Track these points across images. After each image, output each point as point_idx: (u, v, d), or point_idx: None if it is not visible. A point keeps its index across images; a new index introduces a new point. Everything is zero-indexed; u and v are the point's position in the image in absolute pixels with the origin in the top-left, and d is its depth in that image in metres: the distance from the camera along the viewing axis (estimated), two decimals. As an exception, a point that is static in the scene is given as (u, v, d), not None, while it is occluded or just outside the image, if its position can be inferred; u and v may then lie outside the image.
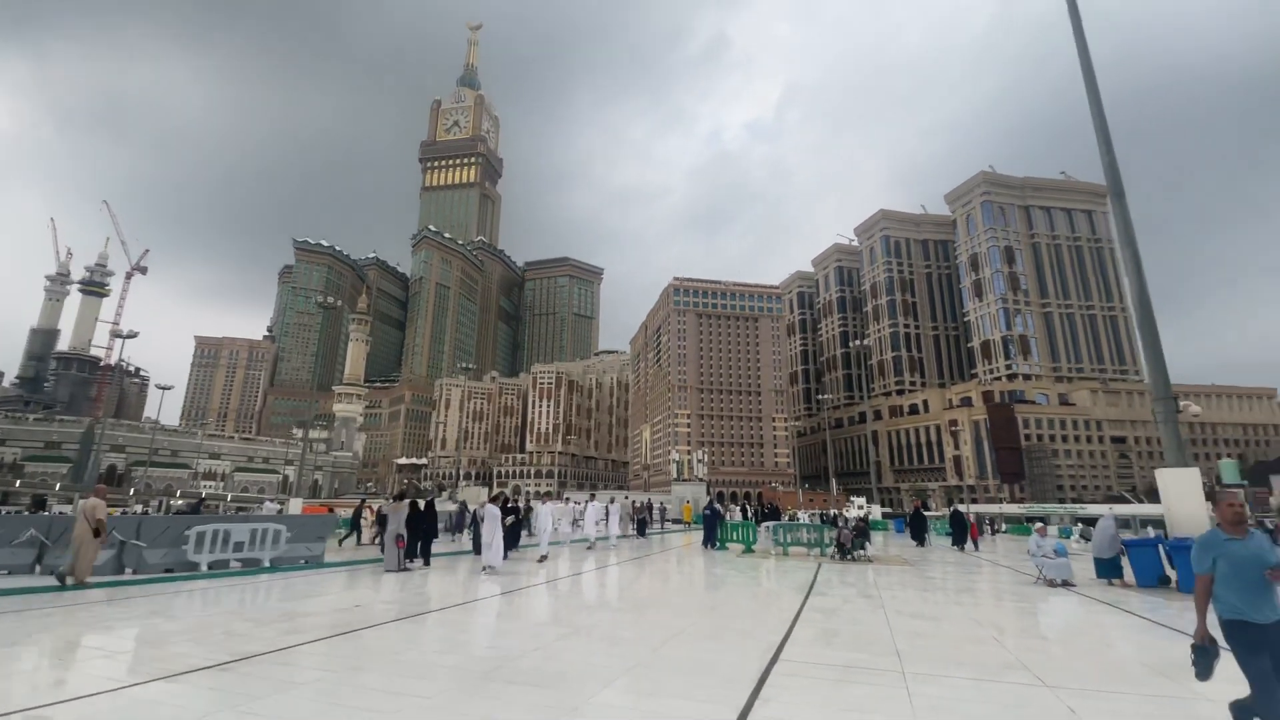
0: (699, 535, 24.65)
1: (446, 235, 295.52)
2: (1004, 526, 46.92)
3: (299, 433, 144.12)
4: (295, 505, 31.28)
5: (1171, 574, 11.23)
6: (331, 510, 39.15)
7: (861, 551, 16.39)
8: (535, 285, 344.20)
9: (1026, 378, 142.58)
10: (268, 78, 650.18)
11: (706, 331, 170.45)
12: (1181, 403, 11.21)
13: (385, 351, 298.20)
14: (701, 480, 59.80)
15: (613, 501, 20.86)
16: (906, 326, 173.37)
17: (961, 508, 28.59)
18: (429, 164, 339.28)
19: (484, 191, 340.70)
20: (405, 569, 12.93)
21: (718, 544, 20.30)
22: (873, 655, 6.02)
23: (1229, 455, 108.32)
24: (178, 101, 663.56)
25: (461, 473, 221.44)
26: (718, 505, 23.33)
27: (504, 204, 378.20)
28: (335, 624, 7.26)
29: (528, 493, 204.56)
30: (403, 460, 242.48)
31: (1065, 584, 11.33)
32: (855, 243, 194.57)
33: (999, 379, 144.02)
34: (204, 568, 12.30)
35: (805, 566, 14.68)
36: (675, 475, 58.65)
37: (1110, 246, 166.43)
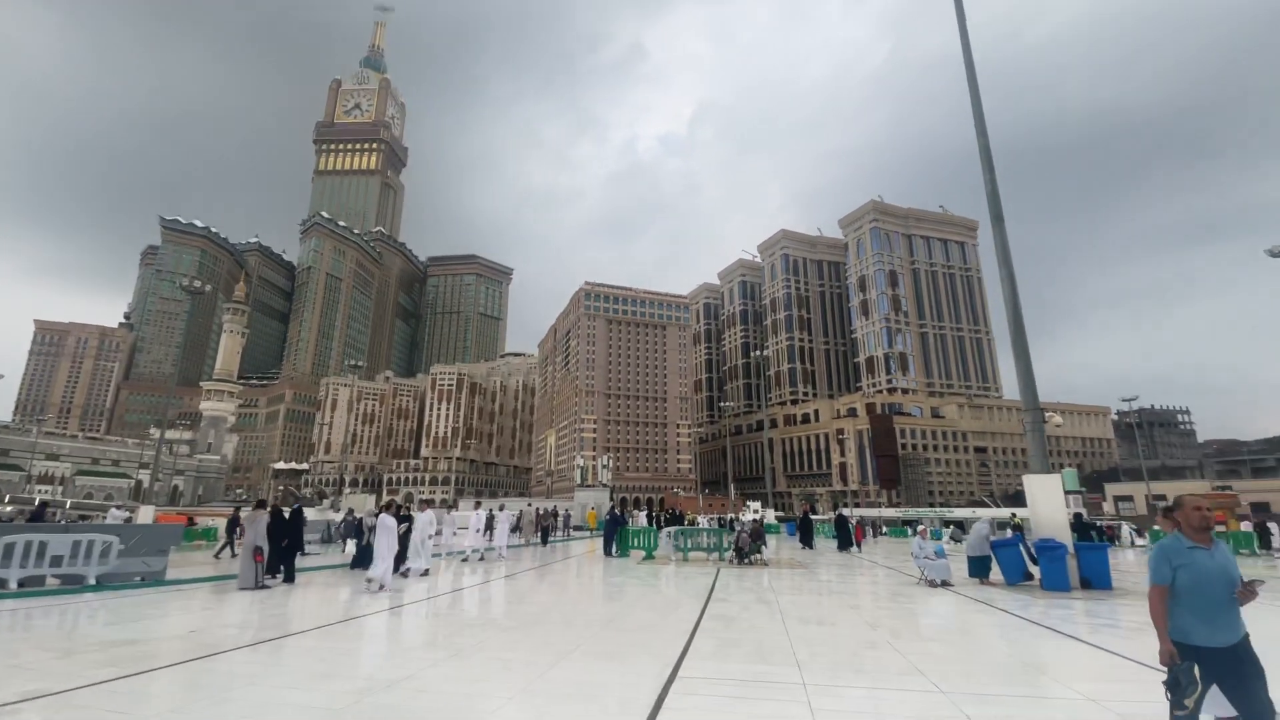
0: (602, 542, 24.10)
1: (341, 223, 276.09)
2: (885, 529, 50.27)
3: (156, 432, 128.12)
4: (147, 513, 27.28)
5: (1034, 571, 12.14)
6: (191, 521, 34.66)
7: (758, 555, 16.57)
8: (439, 282, 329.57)
9: (904, 391, 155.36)
10: (144, 36, 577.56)
11: (616, 337, 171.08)
12: (1047, 414, 12.15)
13: (265, 346, 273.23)
14: (605, 486, 59.39)
15: (502, 509, 19.80)
16: (802, 340, 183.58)
17: (845, 512, 30.23)
18: (325, 146, 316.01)
19: (386, 180, 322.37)
20: (262, 586, 11.34)
21: (619, 551, 19.87)
22: (772, 666, 5.76)
23: (1070, 465, 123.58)
24: (36, 45, 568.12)
25: (348, 479, 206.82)
26: (618, 511, 22.93)
27: (408, 195, 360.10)
28: (157, 654, 6.00)
29: (421, 500, 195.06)
30: (281, 465, 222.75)
31: (944, 584, 11.91)
32: (758, 259, 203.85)
33: (881, 392, 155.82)
34: (13, 585, 10.22)
35: (704, 572, 14.54)
36: (579, 481, 57.80)
37: (978, 275, 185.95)
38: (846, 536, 24.63)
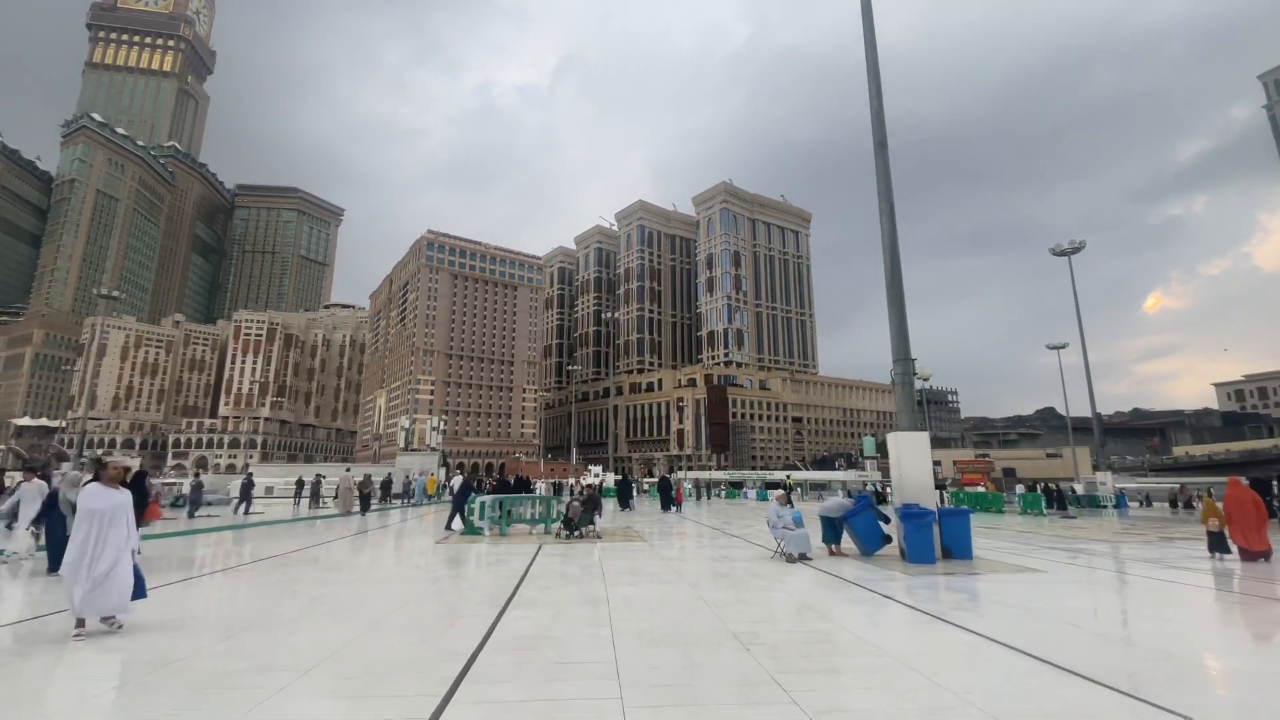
0: (442, 513, 20.05)
1: (121, 131, 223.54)
2: (722, 491, 51.60)
3: None
4: None
5: (892, 534, 10.86)
6: None
7: (591, 527, 13.91)
8: (250, 216, 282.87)
9: (739, 365, 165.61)
10: None
11: (461, 293, 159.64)
12: (917, 369, 10.77)
13: (4, 272, 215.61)
14: (434, 450, 53.87)
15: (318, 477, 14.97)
16: (652, 312, 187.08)
17: (670, 476, 30.25)
18: (103, 34, 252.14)
19: (185, 87, 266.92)
20: None
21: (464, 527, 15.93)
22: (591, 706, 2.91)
23: (868, 434, 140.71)
24: None
25: (120, 440, 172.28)
26: (476, 481, 19.01)
27: (215, 109, 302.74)
28: None
29: (218, 465, 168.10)
30: (26, 421, 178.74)
31: (803, 558, 10.11)
32: (615, 227, 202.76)
33: (718, 364, 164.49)
34: None
35: (521, 551, 11.47)
36: (403, 445, 51.71)
37: (808, 263, 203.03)
38: (669, 498, 26.43)
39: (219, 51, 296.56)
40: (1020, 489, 30.80)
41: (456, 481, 15.26)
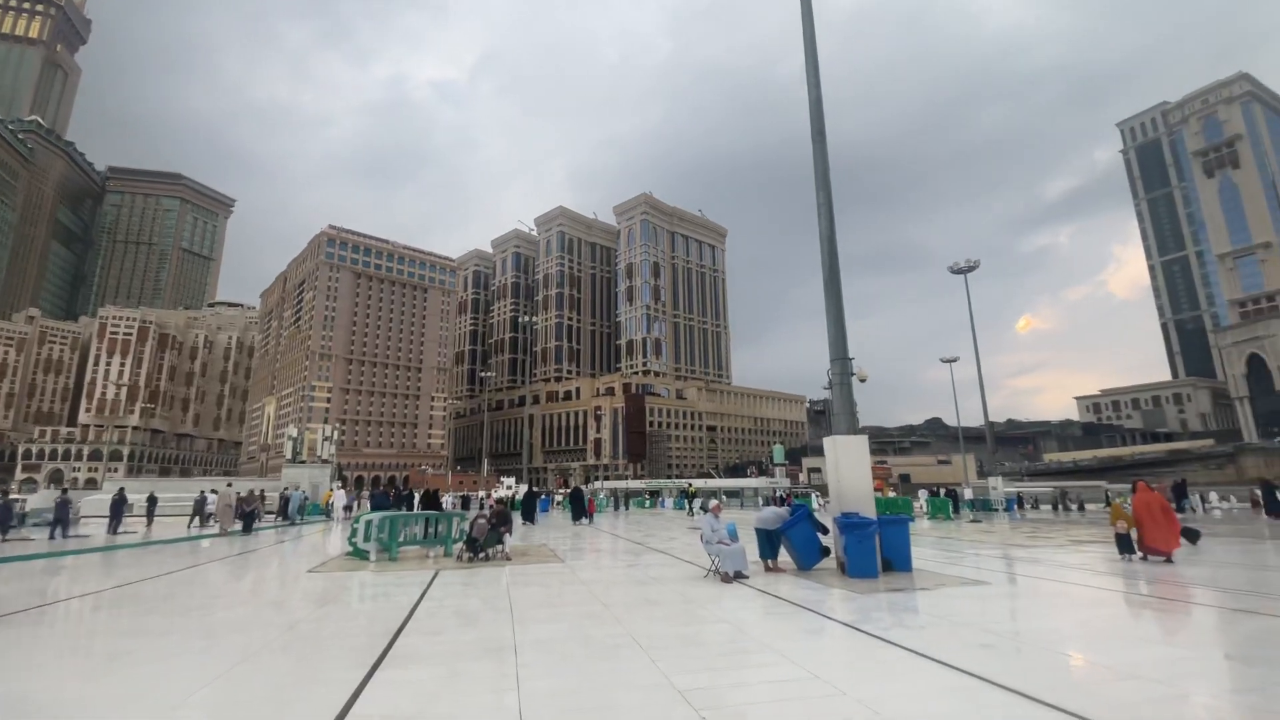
0: (333, 535, 17.28)
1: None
2: (647, 501, 50.55)
3: None
4: None
5: (828, 544, 10.06)
6: None
7: (499, 547, 12.23)
8: (123, 202, 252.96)
9: (657, 374, 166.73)
10: None
11: (365, 294, 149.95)
12: (855, 368, 10.10)
13: None
14: (326, 462, 49.21)
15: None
16: (571, 319, 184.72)
17: (587, 486, 29.32)
18: None
19: (54, 57, 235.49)
20: None
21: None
22: None
23: (778, 443, 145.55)
24: None
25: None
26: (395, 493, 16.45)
27: (87, 83, 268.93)
28: None
29: (76, 479, 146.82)
30: None
31: (738, 576, 9.06)
32: (535, 233, 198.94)
33: (637, 373, 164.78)
34: None
35: (414, 579, 9.68)
36: (289, 456, 46.87)
37: (723, 277, 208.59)
38: (581, 508, 26.02)
39: (94, 20, 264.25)
40: (924, 494, 32.07)
41: (339, 499, 13.02)
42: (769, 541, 10.34)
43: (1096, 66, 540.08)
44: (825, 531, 10.17)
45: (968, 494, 39.97)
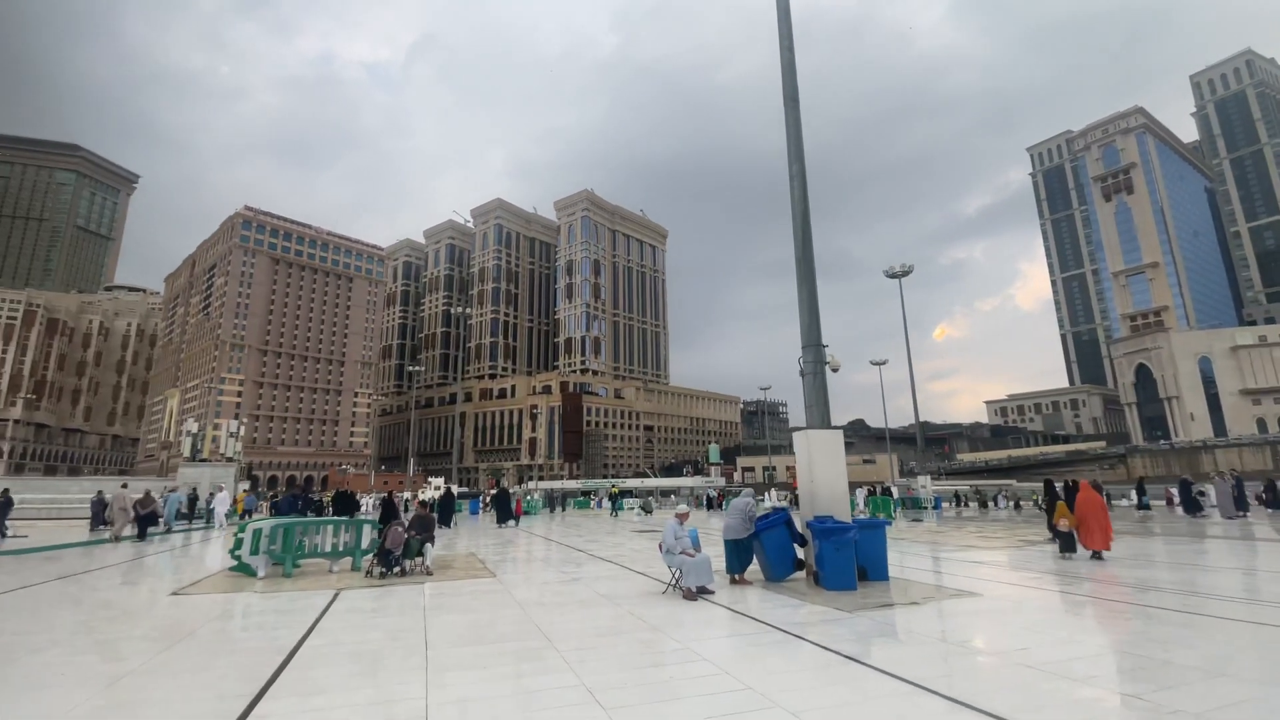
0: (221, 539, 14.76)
1: None
2: (599, 501, 48.78)
3: None
4: None
5: (801, 554, 8.96)
6: None
7: (420, 559, 10.44)
8: (11, 173, 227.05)
9: (595, 373, 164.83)
10: None
11: (283, 282, 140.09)
12: (828, 355, 9.08)
13: None
14: (231, 460, 44.81)
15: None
16: (507, 315, 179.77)
17: (520, 486, 27.81)
18: None
19: None
20: None
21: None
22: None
23: (713, 442, 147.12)
24: None
25: None
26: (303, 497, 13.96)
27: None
28: None
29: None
30: None
31: (702, 591, 7.80)
32: (470, 224, 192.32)
33: (575, 372, 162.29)
34: None
35: (306, 603, 7.85)
36: (188, 454, 42.35)
37: (663, 277, 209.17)
38: (507, 510, 25.42)
39: None
40: (862, 492, 32.30)
41: (220, 502, 10.86)
42: (737, 553, 9.12)
43: (1012, 93, 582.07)
44: (803, 543, 9.04)
45: (894, 491, 40.87)
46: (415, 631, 6.24)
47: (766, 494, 51.88)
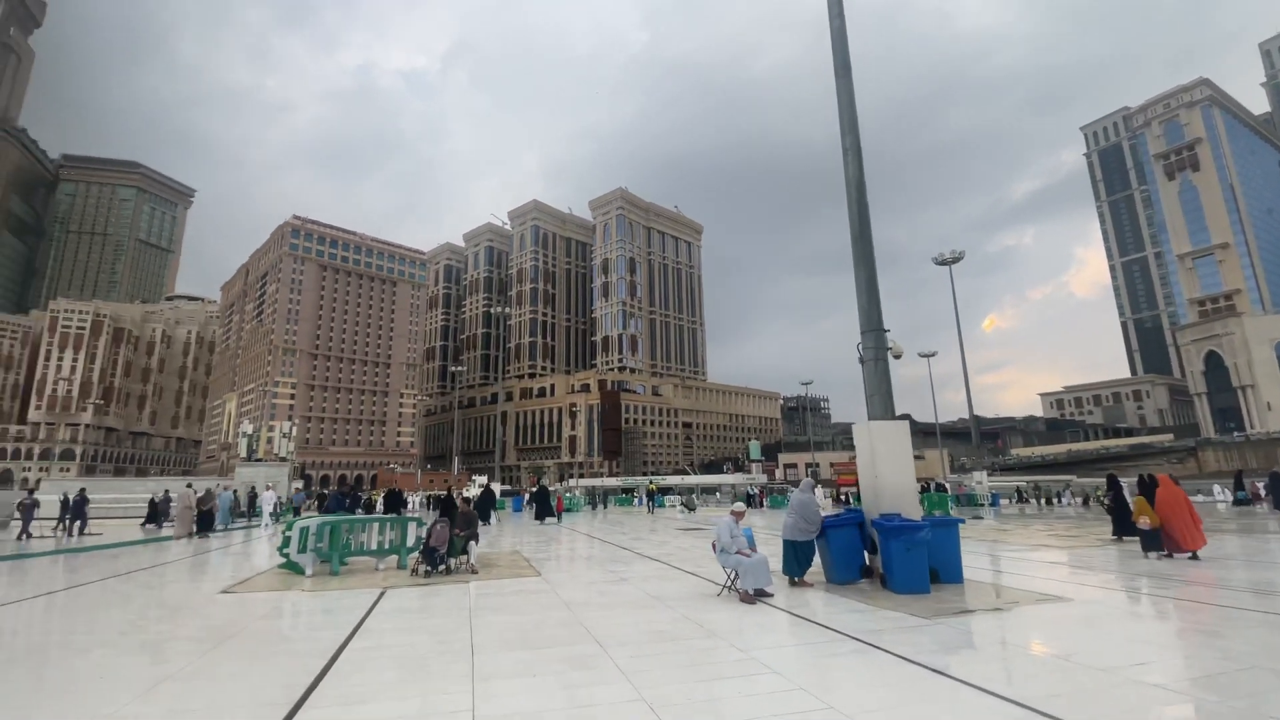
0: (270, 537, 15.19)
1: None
2: (641, 499, 48.33)
3: None
4: None
5: (869, 560, 8.33)
6: None
7: (464, 557, 10.25)
8: (78, 191, 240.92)
9: (633, 371, 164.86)
10: None
11: (331, 287, 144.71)
12: (890, 341, 8.42)
13: None
14: (284, 460, 46.29)
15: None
16: (545, 315, 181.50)
17: (561, 484, 27.85)
18: None
19: (5, 40, 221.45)
20: None
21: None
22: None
23: (754, 439, 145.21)
24: None
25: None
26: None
27: (41, 67, 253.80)
28: None
29: (26, 479, 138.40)
30: None
31: (760, 594, 7.30)
32: (508, 226, 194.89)
33: (613, 370, 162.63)
34: None
35: (352, 602, 7.69)
36: (244, 454, 43.90)
37: (699, 273, 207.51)
38: (546, 507, 25.60)
39: (49, 2, 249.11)
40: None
41: (270, 497, 10.90)
42: (797, 554, 8.53)
43: (1061, 70, 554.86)
44: (874, 550, 8.32)
45: (947, 488, 39.22)
46: (461, 634, 5.95)
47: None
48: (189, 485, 23.99)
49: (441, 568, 9.80)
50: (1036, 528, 18.77)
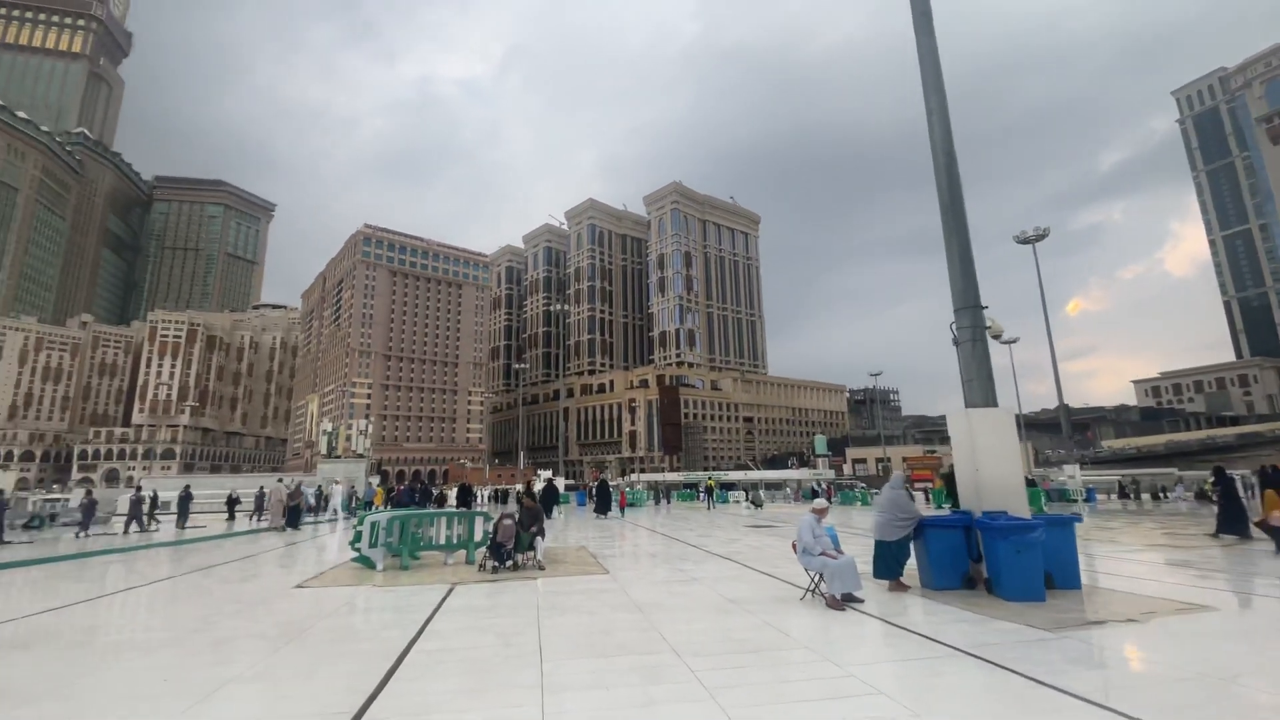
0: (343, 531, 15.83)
1: (21, 114, 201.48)
2: (697, 494, 47.90)
3: None
4: None
5: (972, 567, 7.48)
6: None
7: (531, 552, 10.05)
8: (170, 210, 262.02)
9: (691, 365, 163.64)
10: None
11: (401, 292, 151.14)
12: (988, 319, 7.51)
13: None
14: (362, 457, 48.48)
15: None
16: (603, 312, 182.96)
17: (623, 479, 27.78)
18: (4, 11, 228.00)
19: (97, 70, 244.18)
20: None
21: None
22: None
23: (818, 433, 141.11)
24: None
25: (18, 452, 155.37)
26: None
27: (130, 94, 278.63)
28: None
29: (131, 477, 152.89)
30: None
31: (848, 599, 6.64)
32: (565, 226, 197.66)
33: (670, 365, 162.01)
34: None
35: (420, 599, 7.56)
36: (325, 451, 46.23)
37: (756, 265, 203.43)
38: (607, 501, 25.84)
39: (135, 32, 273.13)
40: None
41: (336, 494, 11.07)
42: (887, 555, 7.74)
43: (1157, 27, 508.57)
44: (979, 559, 7.44)
45: (1035, 484, 36.47)
46: (529, 636, 5.64)
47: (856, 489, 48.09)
48: (280, 480, 25.40)
49: (509, 563, 9.64)
50: (1147, 526, 16.95)
